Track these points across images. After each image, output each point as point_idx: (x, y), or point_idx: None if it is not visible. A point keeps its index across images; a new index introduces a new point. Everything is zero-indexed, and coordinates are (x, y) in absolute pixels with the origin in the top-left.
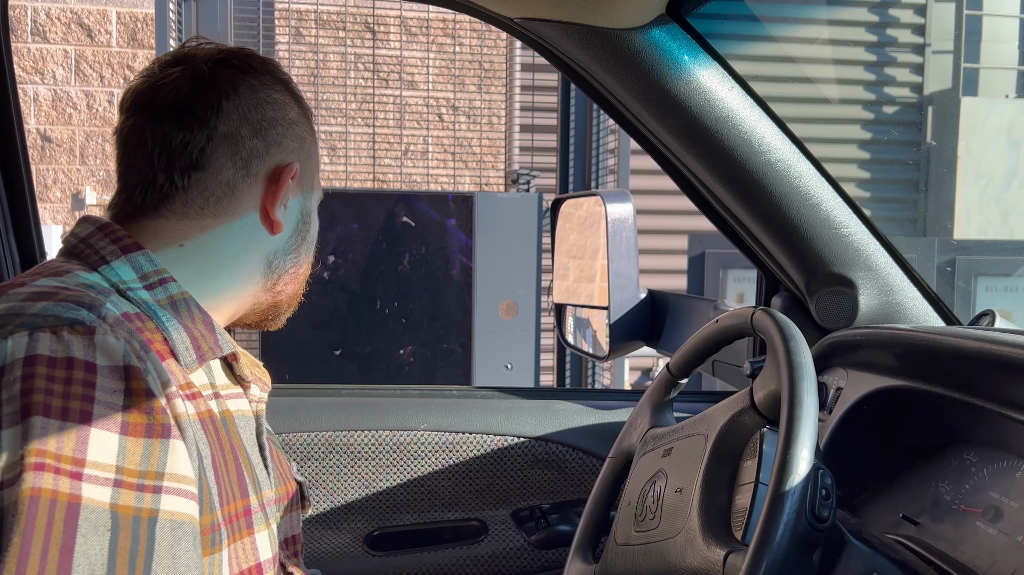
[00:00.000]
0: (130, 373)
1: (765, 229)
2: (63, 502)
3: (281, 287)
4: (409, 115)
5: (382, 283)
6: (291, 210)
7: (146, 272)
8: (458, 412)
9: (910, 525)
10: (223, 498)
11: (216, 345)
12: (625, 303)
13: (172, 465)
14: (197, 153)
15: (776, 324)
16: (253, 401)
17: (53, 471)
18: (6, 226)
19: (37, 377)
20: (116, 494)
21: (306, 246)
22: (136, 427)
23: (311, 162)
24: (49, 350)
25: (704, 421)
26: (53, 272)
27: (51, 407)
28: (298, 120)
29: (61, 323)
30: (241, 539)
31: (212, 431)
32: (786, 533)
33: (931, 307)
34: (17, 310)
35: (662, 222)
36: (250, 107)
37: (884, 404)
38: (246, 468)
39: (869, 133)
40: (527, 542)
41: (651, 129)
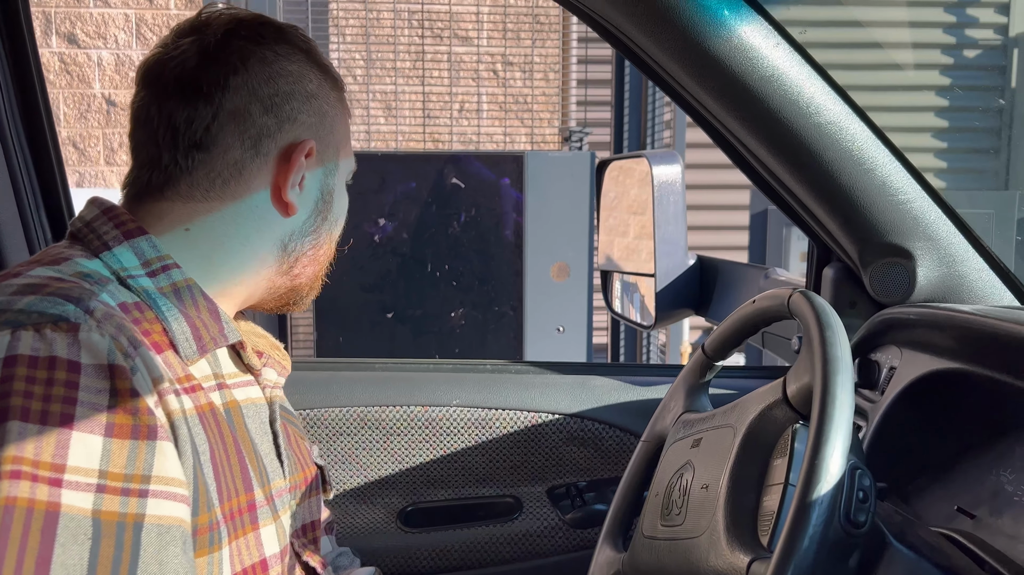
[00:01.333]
0: (115, 372)
1: (815, 197)
2: (40, 510)
3: (299, 270)
4: (462, 72)
5: (433, 245)
6: (309, 189)
7: (148, 258)
8: (491, 388)
9: (966, 518)
10: (223, 494)
11: (220, 334)
12: (672, 270)
13: (159, 468)
14: (202, 132)
15: (813, 310)
16: (267, 386)
17: (30, 479)
18: (35, 198)
19: (16, 379)
20: (99, 500)
21: (328, 226)
22: (121, 428)
23: (334, 136)
24: (31, 349)
25: (735, 411)
26: (52, 260)
27: (29, 410)
28: (317, 92)
29: (45, 320)
30: (244, 535)
31: (212, 425)
32: (813, 543)
33: (999, 279)
34: (3, 305)
35: (727, 176)
36: (260, 81)
37: (941, 386)
38: (250, 461)
39: (947, 79)
40: (562, 520)
41: (690, 91)
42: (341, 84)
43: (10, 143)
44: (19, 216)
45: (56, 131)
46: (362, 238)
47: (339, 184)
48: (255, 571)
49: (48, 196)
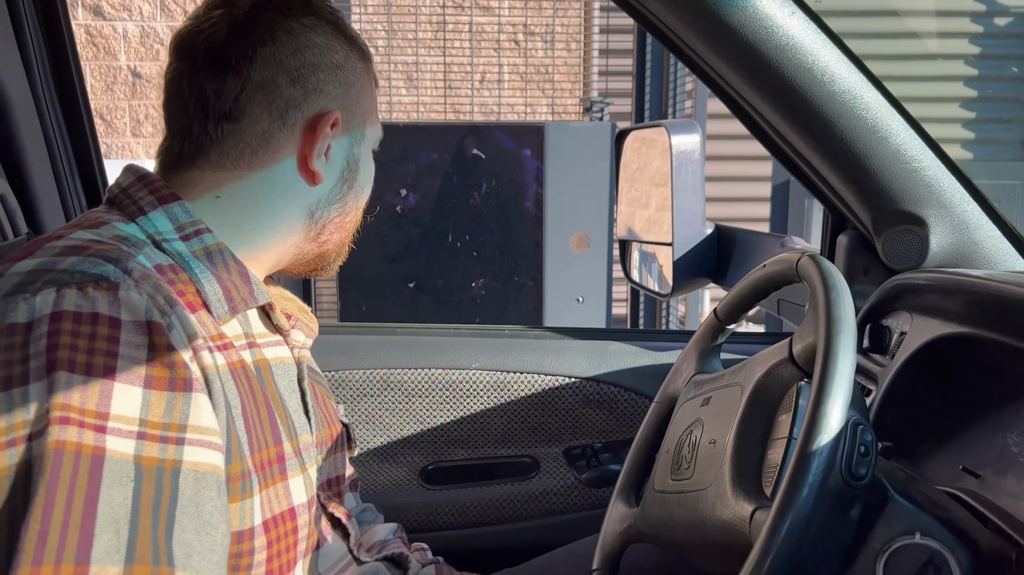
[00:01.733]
0: (152, 328)
1: (829, 164)
2: (87, 454)
3: (326, 237)
4: (484, 42)
5: (454, 216)
6: (335, 158)
7: (182, 223)
8: (510, 352)
9: (971, 478)
10: (254, 446)
11: (251, 296)
12: (690, 239)
13: (195, 417)
14: (231, 103)
15: (820, 272)
16: (295, 347)
17: (77, 424)
18: (70, 166)
19: (62, 333)
20: (139, 446)
21: (354, 194)
22: (159, 381)
23: (360, 106)
24: (75, 306)
25: (743, 370)
26: (91, 224)
27: (75, 362)
28: (343, 63)
29: (87, 279)
30: (274, 485)
31: (244, 381)
32: (812, 492)
33: (1012, 247)
34: (48, 265)
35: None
36: (288, 53)
37: (950, 351)
38: (279, 416)
39: (976, 47)
40: (578, 480)
41: (707, 60)
42: (368, 55)
43: (46, 114)
44: (55, 184)
45: (89, 102)
46: (384, 208)
47: (365, 153)
48: (284, 518)
49: (82, 165)
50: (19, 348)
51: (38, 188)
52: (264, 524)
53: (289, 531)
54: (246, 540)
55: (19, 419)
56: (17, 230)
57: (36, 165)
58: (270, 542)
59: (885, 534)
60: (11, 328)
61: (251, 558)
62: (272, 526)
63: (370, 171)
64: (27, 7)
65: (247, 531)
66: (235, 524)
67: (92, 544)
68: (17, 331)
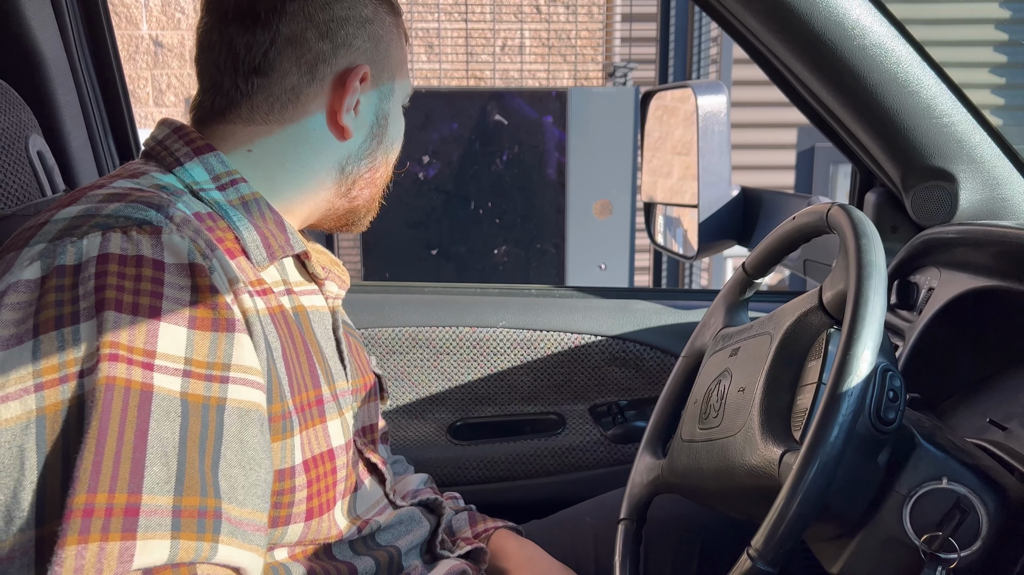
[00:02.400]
0: (195, 270)
1: (858, 120)
2: (136, 390)
3: (356, 192)
4: (505, 8)
5: (476, 182)
6: (364, 113)
7: (218, 173)
8: (536, 310)
9: (997, 430)
10: (294, 388)
11: (287, 244)
12: (716, 200)
13: (238, 357)
14: (260, 57)
15: (850, 220)
16: (329, 297)
17: (126, 362)
18: (104, 126)
19: (109, 274)
20: (186, 383)
21: (384, 149)
22: (203, 321)
23: (389, 61)
24: (120, 248)
25: (772, 320)
26: (131, 174)
27: (122, 302)
28: (372, 17)
29: (131, 223)
30: (313, 426)
31: (283, 325)
32: (841, 433)
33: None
34: (92, 211)
35: (775, 115)
36: (317, 7)
37: (977, 305)
38: (318, 360)
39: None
40: (603, 436)
41: (735, 13)
42: (398, 9)
43: (80, 75)
44: (89, 143)
45: (122, 64)
46: (406, 175)
47: (395, 108)
48: (323, 459)
49: (115, 125)
50: (69, 289)
51: (73, 147)
52: (304, 463)
53: (328, 471)
54: (287, 478)
55: (71, 357)
56: (55, 187)
57: (71, 124)
58: (310, 481)
59: (912, 479)
60: (60, 270)
61: (292, 495)
62: (312, 466)
63: (400, 126)
64: None
65: (288, 470)
66: (277, 462)
67: (143, 475)
68: (66, 273)
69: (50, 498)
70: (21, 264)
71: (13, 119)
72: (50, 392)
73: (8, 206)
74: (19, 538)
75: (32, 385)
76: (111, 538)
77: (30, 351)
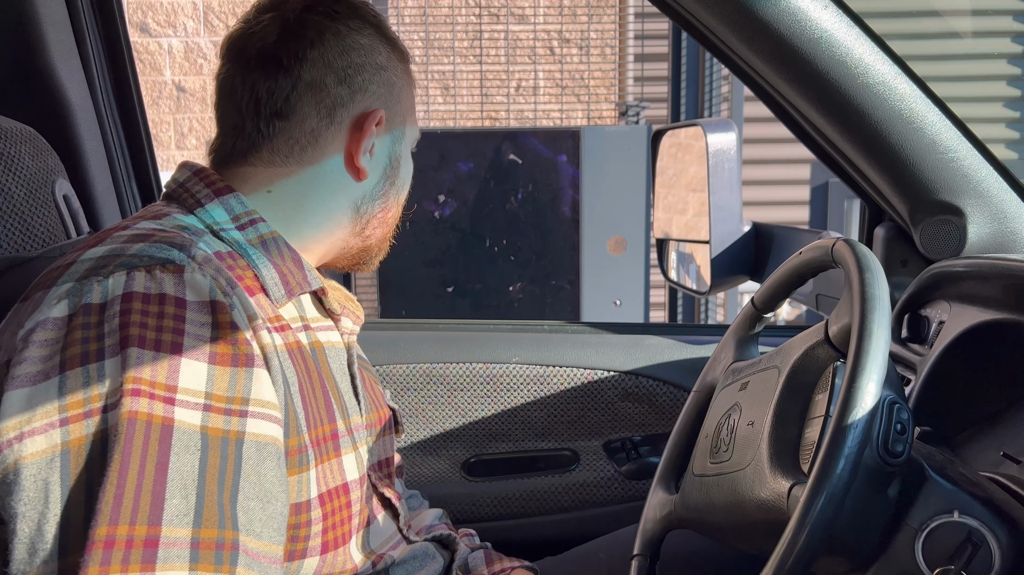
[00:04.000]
0: (216, 307)
1: (865, 156)
2: (158, 424)
3: (370, 232)
4: (519, 50)
5: (492, 221)
6: (378, 155)
7: (237, 213)
8: (549, 346)
9: (1011, 463)
10: (310, 422)
11: (305, 280)
12: (727, 236)
13: (256, 392)
14: (282, 102)
15: (854, 254)
16: (345, 333)
17: (148, 396)
18: (127, 170)
19: (133, 312)
20: (206, 417)
21: (395, 190)
22: (223, 357)
23: (400, 106)
24: (144, 287)
25: (780, 354)
26: (153, 215)
27: (146, 339)
28: (386, 64)
29: (154, 263)
30: (328, 460)
31: (300, 360)
32: (848, 465)
33: None
34: (118, 251)
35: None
36: (335, 54)
37: (988, 338)
38: (334, 395)
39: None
40: (617, 472)
41: (741, 55)
42: (407, 56)
43: (106, 121)
44: (113, 186)
45: (145, 110)
46: (423, 214)
47: (405, 151)
48: (338, 493)
49: (138, 169)
50: (95, 327)
51: (98, 191)
52: (320, 497)
53: (343, 505)
54: (303, 512)
55: (95, 392)
56: (80, 230)
57: (96, 169)
58: (325, 515)
59: (923, 512)
60: (87, 308)
61: (308, 529)
62: (327, 499)
63: (410, 168)
64: (88, 21)
65: (304, 503)
66: (293, 496)
67: (163, 507)
68: (92, 311)
69: (73, 530)
70: (49, 303)
71: (41, 164)
72: (75, 427)
73: (34, 248)
74: (42, 570)
75: (57, 420)
76: (131, 569)
77: (56, 387)
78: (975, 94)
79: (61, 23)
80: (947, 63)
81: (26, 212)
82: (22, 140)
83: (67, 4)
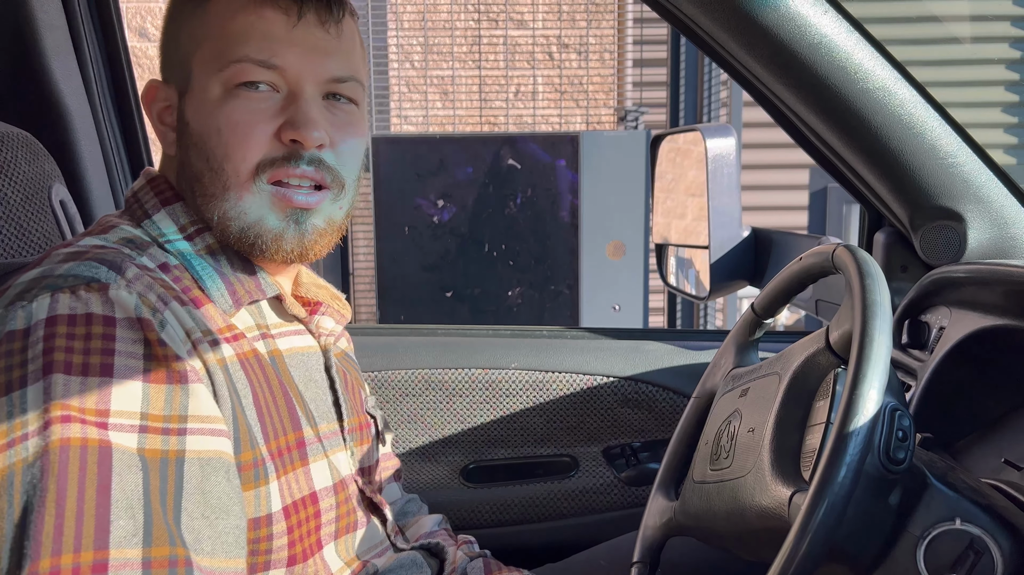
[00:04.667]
0: (143, 324)
1: (865, 161)
2: (94, 447)
3: None
4: (518, 55)
5: (491, 225)
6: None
7: (183, 223)
8: (548, 352)
9: (1012, 470)
10: (268, 434)
11: (257, 288)
12: (727, 241)
13: (195, 407)
14: None
15: (855, 260)
16: (323, 335)
17: (79, 422)
18: (124, 174)
19: (57, 336)
20: (143, 439)
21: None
22: (156, 375)
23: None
24: (68, 308)
25: (780, 360)
26: (102, 229)
27: (72, 363)
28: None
29: (79, 282)
30: (292, 470)
31: (257, 370)
32: (849, 473)
33: None
34: (46, 273)
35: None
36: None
37: (989, 344)
38: (298, 402)
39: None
40: (617, 478)
41: (740, 60)
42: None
43: (103, 127)
44: (110, 192)
45: (143, 115)
46: (422, 219)
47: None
48: (304, 503)
49: (135, 174)
50: (18, 353)
51: (95, 195)
52: (284, 510)
53: (311, 515)
54: (263, 526)
55: (18, 421)
56: (76, 234)
57: (93, 173)
58: (291, 527)
59: (925, 520)
60: (10, 335)
61: (270, 543)
62: (293, 511)
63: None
64: (86, 25)
65: (264, 517)
66: (251, 511)
67: (109, 529)
68: (16, 338)
69: (8, 567)
70: None
71: (37, 169)
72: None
73: (30, 254)
74: None
75: None
76: None
77: None
78: (974, 99)
79: (58, 27)
80: (946, 68)
81: (22, 217)
82: (18, 145)
83: (64, 8)
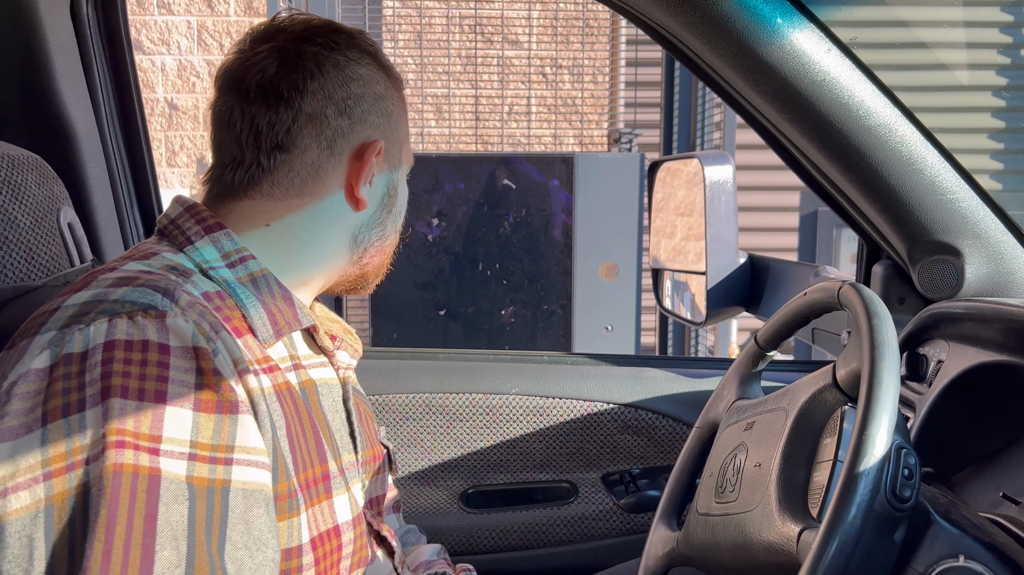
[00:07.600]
0: (199, 353)
1: (865, 196)
2: (144, 475)
3: (367, 259)
4: (513, 75)
5: (484, 245)
6: (376, 185)
7: (227, 251)
8: (549, 377)
9: (1011, 504)
10: (299, 466)
11: (295, 319)
12: (723, 268)
13: (242, 438)
14: (283, 134)
15: (861, 299)
16: (341, 368)
17: (133, 447)
18: (130, 196)
19: (115, 361)
20: (191, 467)
21: (392, 218)
22: (207, 404)
23: (398, 135)
24: (126, 334)
25: (787, 396)
26: (142, 255)
27: (128, 388)
28: (384, 94)
29: (137, 308)
30: (319, 503)
31: (289, 402)
32: (859, 512)
33: None
34: (100, 296)
35: (777, 178)
36: (335, 85)
37: (987, 379)
38: (324, 436)
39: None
40: (616, 505)
41: (744, 95)
42: (402, 84)
43: (110, 149)
44: (116, 214)
45: (149, 136)
46: (415, 237)
47: (402, 179)
48: (330, 536)
49: (141, 197)
50: (76, 377)
51: (101, 217)
52: (311, 542)
53: (335, 548)
54: (294, 557)
55: (77, 444)
56: (83, 257)
57: (100, 196)
58: (317, 559)
59: (929, 557)
60: (68, 358)
61: (300, 574)
62: (319, 543)
63: (405, 196)
64: (96, 49)
65: (295, 548)
66: (283, 542)
67: (154, 560)
68: (74, 361)
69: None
70: (32, 353)
71: (47, 192)
72: (58, 481)
73: (39, 277)
74: None
75: (41, 474)
76: None
77: (39, 440)
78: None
79: (69, 50)
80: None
81: (31, 241)
82: (29, 168)
83: (75, 31)
